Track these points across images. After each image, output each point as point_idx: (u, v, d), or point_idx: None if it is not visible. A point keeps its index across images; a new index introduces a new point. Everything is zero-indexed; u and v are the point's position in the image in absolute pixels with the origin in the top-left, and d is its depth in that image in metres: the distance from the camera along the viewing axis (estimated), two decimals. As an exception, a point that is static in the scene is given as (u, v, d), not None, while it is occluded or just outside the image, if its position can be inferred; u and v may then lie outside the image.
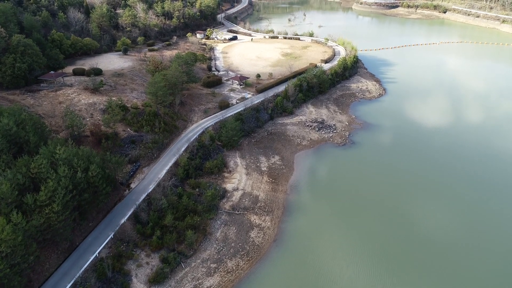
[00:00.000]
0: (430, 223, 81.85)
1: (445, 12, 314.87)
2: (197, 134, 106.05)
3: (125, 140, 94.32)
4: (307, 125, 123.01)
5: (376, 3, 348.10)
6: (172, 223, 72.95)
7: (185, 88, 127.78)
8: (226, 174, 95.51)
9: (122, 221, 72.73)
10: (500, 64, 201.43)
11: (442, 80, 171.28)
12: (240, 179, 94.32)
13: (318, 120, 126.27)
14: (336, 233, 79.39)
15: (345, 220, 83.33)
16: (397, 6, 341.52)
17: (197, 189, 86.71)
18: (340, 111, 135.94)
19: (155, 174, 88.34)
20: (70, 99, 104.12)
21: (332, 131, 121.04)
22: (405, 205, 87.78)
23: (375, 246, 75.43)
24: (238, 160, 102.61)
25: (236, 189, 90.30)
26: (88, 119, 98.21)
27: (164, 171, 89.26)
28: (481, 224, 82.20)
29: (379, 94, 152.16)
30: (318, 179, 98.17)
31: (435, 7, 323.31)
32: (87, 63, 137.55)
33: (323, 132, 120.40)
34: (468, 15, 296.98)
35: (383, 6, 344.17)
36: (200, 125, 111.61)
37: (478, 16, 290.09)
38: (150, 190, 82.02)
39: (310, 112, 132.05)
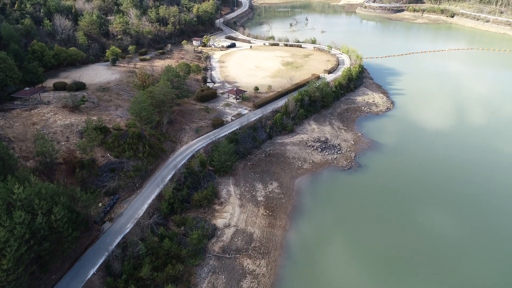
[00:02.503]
0: (454, 261, 70.89)
1: (452, 17, 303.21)
2: (186, 158, 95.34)
3: (103, 168, 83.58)
4: (309, 145, 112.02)
5: (380, 7, 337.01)
6: (150, 274, 62.05)
7: (176, 104, 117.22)
8: (217, 207, 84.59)
9: (90, 273, 61.88)
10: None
11: (454, 92, 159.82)
12: (233, 212, 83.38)
13: (321, 139, 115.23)
14: (344, 280, 68.29)
15: (355, 263, 72.10)
16: (402, 10, 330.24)
17: (182, 227, 75.83)
18: (344, 128, 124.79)
19: (135, 209, 77.56)
20: (45, 119, 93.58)
21: (337, 152, 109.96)
22: (424, 245, 76.45)
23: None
24: (232, 188, 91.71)
25: (228, 226, 79.34)
26: (63, 143, 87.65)
27: (146, 205, 78.50)
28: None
29: (387, 108, 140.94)
30: (321, 211, 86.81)
31: (442, 11, 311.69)
32: (71, 76, 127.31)
33: (327, 153, 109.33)
34: (477, 19, 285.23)
35: (388, 10, 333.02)
36: (190, 147, 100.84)
37: (487, 21, 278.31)
38: (127, 230, 71.28)
39: (312, 129, 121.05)
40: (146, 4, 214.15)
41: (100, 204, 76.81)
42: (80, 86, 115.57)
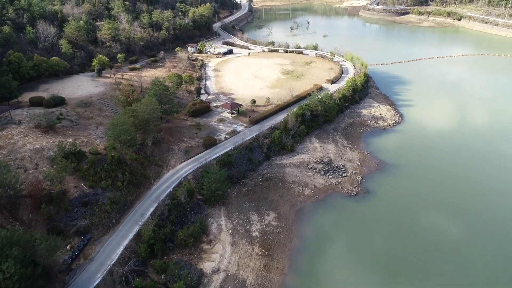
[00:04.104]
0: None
1: (459, 20, 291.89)
2: (172, 186, 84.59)
3: (75, 202, 72.85)
4: (311, 167, 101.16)
5: (384, 9, 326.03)
6: None
7: (164, 121, 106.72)
8: (205, 246, 73.77)
9: None
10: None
11: (467, 102, 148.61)
12: (223, 253, 72.58)
13: (324, 159, 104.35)
14: None
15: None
16: (407, 13, 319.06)
17: (163, 275, 65.13)
18: (350, 145, 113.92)
19: (109, 252, 66.89)
20: (13, 143, 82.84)
21: (341, 175, 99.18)
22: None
23: None
24: (223, 221, 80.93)
25: (217, 271, 68.56)
26: (31, 172, 77.02)
27: (122, 248, 67.83)
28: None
29: (395, 122, 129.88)
30: (325, 249, 75.97)
31: (449, 14, 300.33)
32: (52, 89, 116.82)
33: (330, 176, 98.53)
34: (486, 23, 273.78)
35: (392, 12, 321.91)
36: (177, 172, 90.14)
37: (497, 24, 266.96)
38: (97, 282, 60.56)
39: (314, 148, 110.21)
40: (139, 8, 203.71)
41: (68, 247, 66.27)
42: (59, 101, 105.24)
